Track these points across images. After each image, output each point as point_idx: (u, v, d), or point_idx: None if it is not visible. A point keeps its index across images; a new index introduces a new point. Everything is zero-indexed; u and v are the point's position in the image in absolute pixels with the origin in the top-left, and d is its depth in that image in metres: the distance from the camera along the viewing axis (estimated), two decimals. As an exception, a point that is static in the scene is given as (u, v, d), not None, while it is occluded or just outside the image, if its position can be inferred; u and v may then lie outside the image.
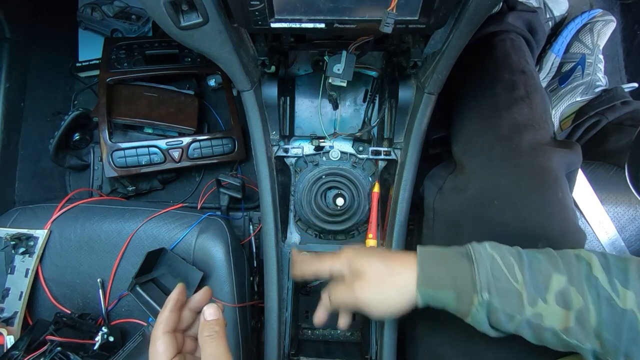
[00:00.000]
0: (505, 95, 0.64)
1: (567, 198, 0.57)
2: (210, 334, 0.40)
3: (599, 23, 0.91)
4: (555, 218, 0.55)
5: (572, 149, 0.61)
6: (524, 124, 0.61)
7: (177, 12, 0.47)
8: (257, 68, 0.63)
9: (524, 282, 0.41)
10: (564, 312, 0.40)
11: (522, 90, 0.64)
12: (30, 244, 0.70)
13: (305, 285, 0.73)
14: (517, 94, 0.64)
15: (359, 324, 0.74)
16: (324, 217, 0.68)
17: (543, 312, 0.41)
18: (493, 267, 0.43)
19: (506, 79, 0.66)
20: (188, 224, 0.72)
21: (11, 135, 0.88)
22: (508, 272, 0.42)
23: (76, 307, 0.71)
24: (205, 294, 0.46)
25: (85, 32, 1.08)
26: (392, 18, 0.43)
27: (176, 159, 0.90)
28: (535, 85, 0.66)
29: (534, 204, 0.56)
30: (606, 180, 0.70)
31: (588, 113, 0.85)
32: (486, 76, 0.68)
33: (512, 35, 0.74)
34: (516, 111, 0.62)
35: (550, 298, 0.40)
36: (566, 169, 0.60)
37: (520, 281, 0.42)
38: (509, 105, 0.63)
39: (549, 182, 0.56)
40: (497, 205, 0.57)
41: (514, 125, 0.61)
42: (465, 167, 0.63)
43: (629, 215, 0.68)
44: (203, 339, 0.40)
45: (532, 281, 0.41)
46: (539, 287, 0.41)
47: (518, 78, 0.66)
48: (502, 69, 0.68)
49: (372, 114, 0.78)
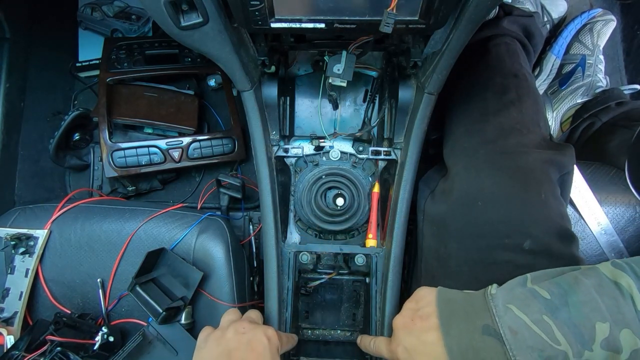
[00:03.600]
0: (494, 100, 0.65)
1: (551, 199, 0.57)
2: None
3: (599, 23, 0.91)
4: (539, 219, 0.55)
5: (562, 151, 0.61)
6: (511, 128, 0.61)
7: (177, 12, 0.47)
8: (257, 68, 0.63)
9: (567, 342, 0.38)
10: (612, 354, 0.38)
11: (513, 93, 0.65)
12: (30, 244, 0.70)
13: (305, 285, 0.73)
14: (508, 98, 0.64)
15: (359, 324, 0.74)
16: (324, 217, 0.68)
17: (590, 358, 0.38)
18: (530, 336, 0.39)
19: (498, 82, 0.67)
20: (188, 224, 0.72)
21: (11, 135, 0.88)
22: (549, 338, 0.38)
23: (76, 307, 0.71)
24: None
25: (85, 32, 1.08)
26: (392, 18, 0.44)
27: (176, 159, 0.90)
28: (528, 89, 0.67)
29: (516, 205, 0.56)
30: (606, 181, 0.70)
31: (583, 115, 0.85)
32: (478, 80, 0.69)
33: (507, 39, 0.74)
34: (504, 115, 0.63)
35: (595, 346, 0.38)
36: (559, 171, 0.60)
37: (563, 343, 0.38)
38: (498, 109, 0.64)
39: (531, 184, 0.57)
40: (481, 206, 0.57)
41: (500, 129, 0.62)
42: (451, 169, 0.64)
43: (628, 216, 0.68)
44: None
45: (577, 338, 0.38)
46: (584, 342, 0.38)
47: (510, 82, 0.66)
48: (495, 72, 0.68)
49: (372, 114, 0.78)
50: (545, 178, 0.58)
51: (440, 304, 0.46)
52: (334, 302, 0.74)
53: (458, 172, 0.62)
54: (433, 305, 0.46)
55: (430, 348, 0.44)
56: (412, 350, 0.46)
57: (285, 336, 0.56)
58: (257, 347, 0.47)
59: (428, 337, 0.45)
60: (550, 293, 0.40)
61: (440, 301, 0.46)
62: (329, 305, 0.74)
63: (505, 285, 0.45)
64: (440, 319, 0.44)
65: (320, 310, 0.74)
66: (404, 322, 0.49)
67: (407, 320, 0.48)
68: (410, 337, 0.47)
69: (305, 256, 0.69)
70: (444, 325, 0.44)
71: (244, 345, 0.47)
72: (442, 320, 0.44)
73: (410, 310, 0.49)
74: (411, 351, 0.46)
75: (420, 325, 0.46)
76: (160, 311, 0.63)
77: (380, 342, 0.55)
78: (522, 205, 0.56)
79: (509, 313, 0.41)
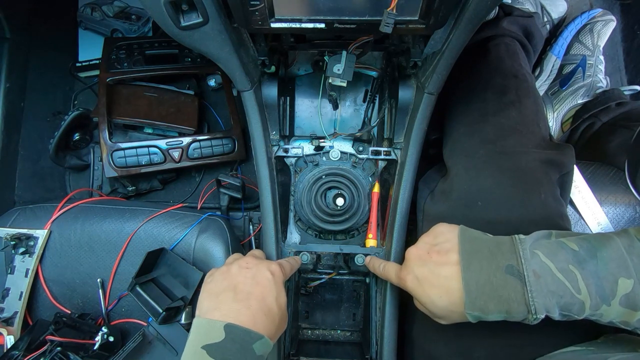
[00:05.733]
0: (494, 101, 0.65)
1: (550, 200, 0.57)
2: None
3: (599, 23, 0.91)
4: (538, 219, 0.55)
5: (562, 151, 0.62)
6: (511, 128, 0.61)
7: (177, 12, 0.47)
8: (257, 68, 0.63)
9: (588, 293, 0.39)
10: (628, 311, 0.39)
11: (513, 94, 0.65)
12: (30, 244, 0.70)
13: (305, 285, 0.73)
14: (507, 99, 0.64)
15: (359, 324, 0.74)
16: (324, 217, 0.68)
17: (604, 312, 0.40)
18: (553, 282, 0.40)
19: (498, 83, 0.67)
20: (188, 224, 0.72)
21: (11, 135, 0.88)
22: (572, 286, 0.39)
23: (76, 307, 0.71)
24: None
25: (85, 32, 1.08)
26: (392, 18, 0.44)
27: (176, 159, 0.90)
28: (528, 89, 0.67)
29: (516, 205, 0.56)
30: (606, 182, 0.70)
31: (583, 116, 0.85)
32: (478, 80, 0.69)
33: (507, 39, 0.74)
34: (504, 116, 0.63)
35: (614, 302, 0.39)
36: (558, 171, 0.60)
37: (584, 293, 0.39)
38: (498, 110, 0.64)
39: (531, 184, 0.57)
40: (481, 206, 0.58)
41: (500, 129, 0.62)
42: (451, 169, 0.64)
43: (628, 216, 0.68)
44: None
45: (598, 291, 0.39)
46: (604, 296, 0.39)
47: (510, 82, 0.66)
48: (495, 73, 0.68)
49: (372, 114, 0.78)
50: (545, 178, 0.58)
51: (463, 240, 0.46)
52: (334, 302, 0.74)
53: (458, 173, 0.62)
54: (454, 242, 0.46)
55: (444, 281, 0.44)
56: (423, 280, 0.46)
57: (288, 265, 0.57)
58: (261, 281, 0.48)
59: (443, 270, 0.45)
60: (579, 246, 0.41)
61: (464, 238, 0.46)
62: (329, 305, 0.74)
63: (530, 235, 0.46)
64: (461, 254, 0.45)
65: (320, 310, 0.74)
66: (420, 253, 0.48)
67: (423, 252, 0.48)
68: (424, 268, 0.47)
69: (305, 256, 0.69)
70: (465, 260, 0.44)
71: (249, 279, 0.48)
72: (463, 255, 0.44)
73: (427, 244, 0.49)
74: (422, 281, 0.47)
75: (436, 259, 0.46)
76: (160, 311, 0.63)
77: (391, 267, 0.55)
78: (521, 206, 0.56)
79: (535, 257, 0.42)
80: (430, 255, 0.47)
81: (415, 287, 0.47)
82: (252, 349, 0.43)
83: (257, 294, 0.47)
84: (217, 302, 0.46)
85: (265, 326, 0.46)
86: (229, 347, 0.42)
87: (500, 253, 0.43)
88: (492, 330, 0.51)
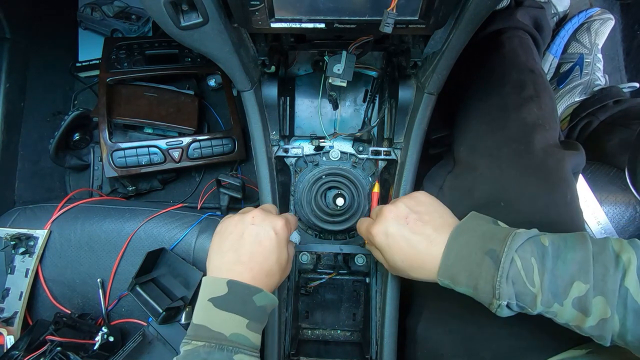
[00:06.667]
0: (514, 96, 0.63)
1: (575, 200, 0.56)
2: None
3: (597, 22, 0.91)
4: (563, 220, 0.54)
5: (579, 150, 0.61)
6: (534, 124, 0.60)
7: (177, 12, 0.47)
8: (257, 68, 0.63)
9: (541, 287, 0.40)
10: (580, 315, 0.39)
11: (532, 89, 0.64)
12: (30, 244, 0.70)
13: (305, 285, 0.73)
14: (526, 94, 0.63)
15: (359, 324, 0.74)
16: (323, 217, 0.68)
17: (558, 311, 0.40)
18: (512, 270, 0.41)
19: (515, 78, 0.65)
20: (188, 224, 0.72)
21: (11, 135, 0.88)
22: (526, 276, 0.41)
23: (76, 307, 0.71)
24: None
25: (85, 32, 1.08)
26: (392, 18, 0.43)
27: (176, 159, 0.90)
28: (544, 84, 0.65)
29: (541, 206, 0.55)
30: (605, 181, 0.70)
31: (581, 114, 0.85)
32: (494, 75, 0.67)
33: (520, 32, 0.73)
34: (525, 111, 0.62)
35: (567, 302, 0.39)
36: (572, 170, 0.59)
37: (537, 286, 0.40)
38: (519, 105, 0.62)
39: (558, 185, 0.56)
40: (504, 206, 0.57)
41: (523, 125, 0.60)
42: (473, 168, 0.62)
43: (628, 215, 0.68)
44: None
45: (550, 287, 0.40)
46: (556, 293, 0.40)
47: (527, 77, 0.65)
48: (510, 67, 0.67)
49: (372, 114, 0.78)
50: (570, 178, 0.57)
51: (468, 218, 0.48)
52: (334, 302, 0.74)
53: (482, 172, 0.61)
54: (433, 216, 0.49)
55: (410, 249, 0.47)
56: (393, 241, 0.49)
57: (293, 219, 0.57)
58: (264, 241, 0.49)
59: (414, 238, 0.47)
60: (551, 243, 0.42)
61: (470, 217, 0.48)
62: (329, 305, 0.74)
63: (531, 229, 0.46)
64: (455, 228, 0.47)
65: (320, 311, 0.74)
66: (397, 215, 0.49)
67: (401, 216, 0.49)
68: (398, 230, 0.48)
69: (305, 256, 0.69)
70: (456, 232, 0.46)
71: (253, 237, 0.49)
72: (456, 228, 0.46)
73: (407, 208, 0.50)
74: (392, 242, 0.49)
75: (412, 227, 0.48)
76: (160, 311, 0.63)
77: (363, 220, 0.57)
78: (545, 207, 0.55)
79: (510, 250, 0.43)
80: (407, 220, 0.49)
81: (383, 244, 0.49)
82: (252, 300, 0.46)
83: (258, 256, 0.48)
84: (222, 262, 0.49)
85: (266, 283, 0.49)
86: (231, 299, 0.46)
87: (490, 239, 0.44)
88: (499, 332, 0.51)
